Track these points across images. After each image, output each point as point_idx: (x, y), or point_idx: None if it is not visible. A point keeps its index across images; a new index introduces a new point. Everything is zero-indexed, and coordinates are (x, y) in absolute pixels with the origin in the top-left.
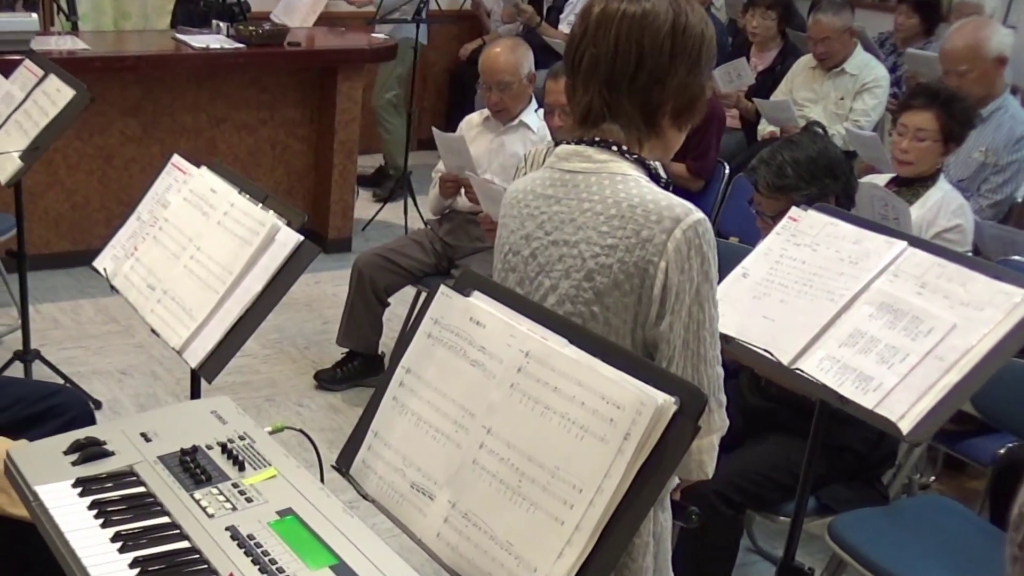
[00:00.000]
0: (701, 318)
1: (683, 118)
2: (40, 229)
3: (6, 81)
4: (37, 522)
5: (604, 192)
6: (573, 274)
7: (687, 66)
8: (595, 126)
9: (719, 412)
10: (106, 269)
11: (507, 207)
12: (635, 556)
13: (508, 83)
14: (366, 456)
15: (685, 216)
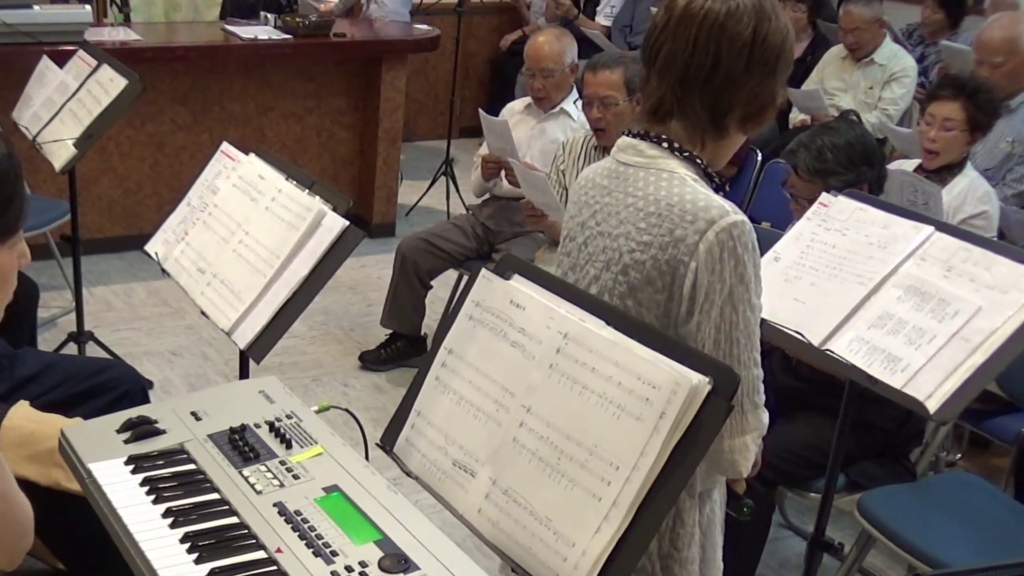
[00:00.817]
0: (734, 319)
1: (751, 122)
2: (93, 214)
3: (61, 71)
4: (90, 498)
5: (648, 188)
6: (612, 267)
7: (762, 75)
8: (663, 121)
9: (754, 414)
10: (157, 253)
11: (574, 192)
12: (680, 546)
13: (551, 71)
14: (409, 434)
15: (720, 218)
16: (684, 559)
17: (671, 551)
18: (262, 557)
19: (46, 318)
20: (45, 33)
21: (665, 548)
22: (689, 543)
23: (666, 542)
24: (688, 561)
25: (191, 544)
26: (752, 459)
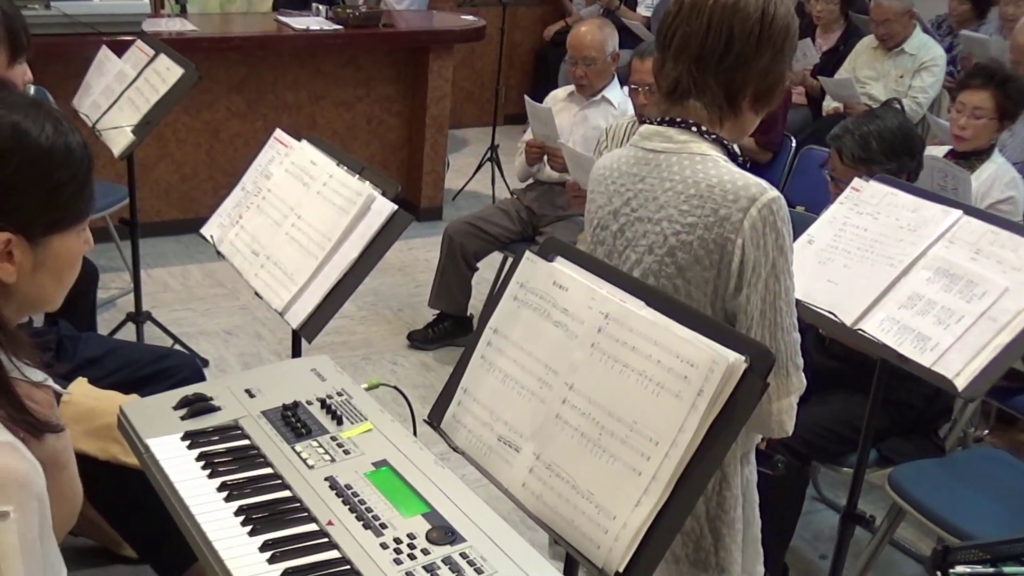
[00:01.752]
0: (777, 289)
1: (761, 102)
2: (151, 199)
3: (119, 60)
4: (148, 473)
5: (684, 172)
6: (656, 250)
7: (771, 53)
8: (680, 101)
9: (796, 375)
10: (213, 236)
11: (594, 183)
12: (727, 508)
13: (593, 59)
14: (456, 411)
15: (760, 195)
16: (730, 520)
17: (718, 513)
18: (314, 529)
19: (105, 299)
20: (104, 24)
21: (712, 511)
22: (734, 505)
23: (713, 505)
24: (734, 521)
25: (245, 517)
26: (794, 418)
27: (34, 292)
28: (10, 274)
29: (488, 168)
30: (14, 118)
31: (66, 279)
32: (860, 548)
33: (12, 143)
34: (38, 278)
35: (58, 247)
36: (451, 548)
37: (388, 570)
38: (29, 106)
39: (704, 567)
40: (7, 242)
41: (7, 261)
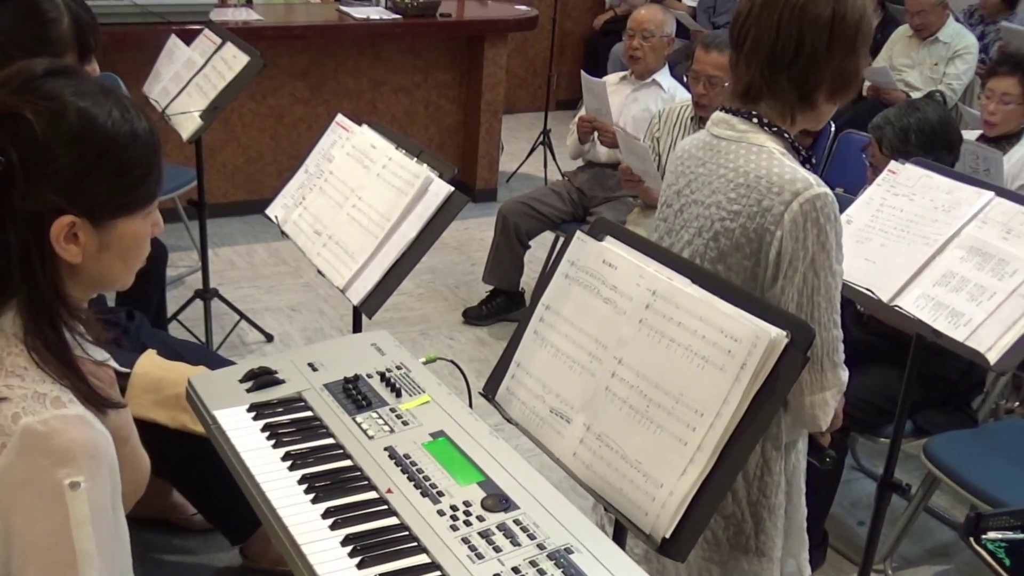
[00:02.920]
0: (816, 284)
1: (838, 94)
2: (218, 181)
3: (188, 48)
4: (215, 443)
5: (738, 161)
6: (703, 233)
7: (843, 51)
8: (754, 102)
9: (833, 372)
10: (277, 216)
11: (671, 162)
12: (768, 493)
13: (651, 32)
14: (510, 384)
15: (805, 190)
16: (772, 505)
17: (760, 498)
18: (374, 497)
19: (174, 277)
20: (173, 13)
21: (754, 495)
22: (776, 491)
23: (755, 490)
24: (776, 507)
25: (308, 485)
26: (831, 414)
27: (100, 273)
28: (75, 255)
29: (540, 151)
30: (82, 104)
31: (132, 260)
32: (896, 515)
33: (78, 128)
34: (104, 259)
35: (123, 230)
36: (505, 515)
37: (445, 536)
38: (98, 93)
39: (744, 550)
40: (71, 225)
41: (72, 243)
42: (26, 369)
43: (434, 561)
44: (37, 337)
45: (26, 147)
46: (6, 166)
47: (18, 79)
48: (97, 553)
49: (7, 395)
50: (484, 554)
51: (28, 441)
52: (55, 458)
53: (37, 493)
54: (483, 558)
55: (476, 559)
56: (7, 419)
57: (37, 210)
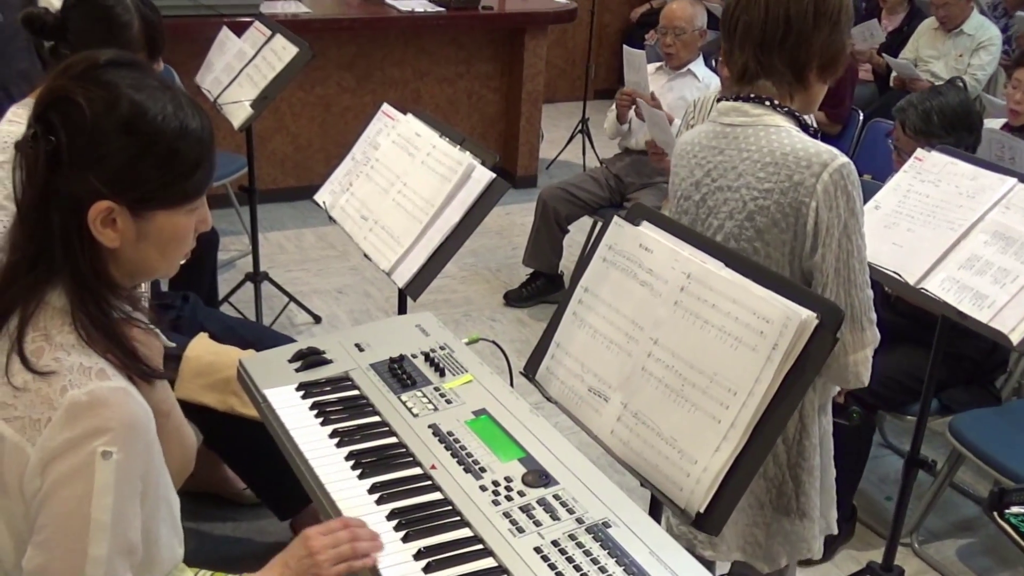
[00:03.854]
0: (850, 248)
1: (827, 72)
2: (268, 168)
3: (239, 40)
4: (265, 420)
5: (760, 143)
6: (736, 215)
7: (829, 27)
8: (751, 83)
9: (871, 329)
10: (325, 202)
11: (677, 158)
12: (806, 456)
13: (682, 29)
14: (549, 364)
15: (831, 160)
16: (810, 467)
17: (798, 460)
18: (418, 473)
19: (226, 260)
20: (225, 6)
21: (793, 458)
22: (813, 452)
23: (794, 453)
24: (814, 468)
25: (355, 461)
26: (870, 369)
27: (139, 260)
28: (113, 240)
29: (579, 139)
30: (136, 96)
31: (171, 253)
32: (923, 490)
33: (129, 118)
34: (141, 248)
35: (163, 222)
36: (545, 490)
37: (487, 511)
38: (155, 87)
39: (786, 511)
40: (109, 210)
41: (110, 228)
42: (73, 345)
43: (476, 535)
44: (82, 313)
45: (75, 131)
46: (55, 147)
47: (80, 66)
48: (111, 525)
49: (55, 369)
50: (525, 528)
51: (72, 412)
52: (94, 427)
53: (72, 460)
54: (524, 532)
55: (517, 533)
56: (55, 392)
57: (78, 192)
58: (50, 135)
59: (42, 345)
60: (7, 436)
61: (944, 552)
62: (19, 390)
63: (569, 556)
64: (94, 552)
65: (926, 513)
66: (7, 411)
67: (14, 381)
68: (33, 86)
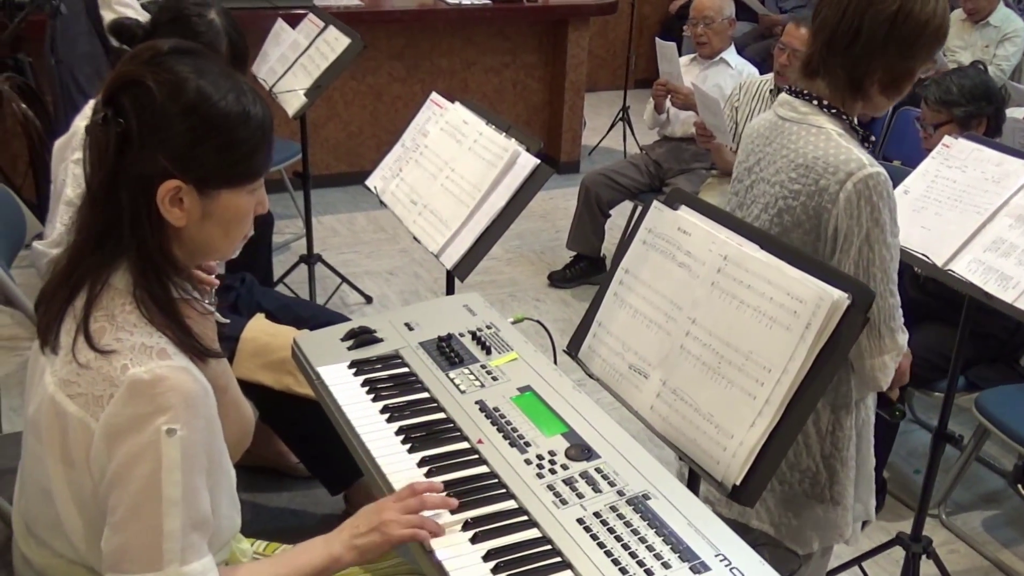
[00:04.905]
0: (871, 257)
1: (890, 90)
2: (321, 154)
3: (293, 31)
4: (318, 396)
5: (799, 143)
6: (769, 210)
7: (899, 50)
8: (810, 78)
9: (891, 337)
10: (376, 187)
11: (744, 139)
12: (840, 447)
13: (711, 19)
14: (592, 342)
15: (858, 170)
16: (844, 458)
17: (832, 451)
18: (465, 447)
19: (281, 243)
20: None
21: (827, 449)
22: (847, 444)
23: (827, 444)
24: (848, 459)
25: (405, 436)
26: (891, 375)
27: (202, 240)
28: (179, 218)
29: (620, 127)
30: (201, 81)
31: (233, 232)
32: (950, 464)
33: (194, 101)
34: (206, 227)
35: (226, 201)
36: (587, 464)
37: (532, 483)
38: (218, 74)
39: (820, 499)
40: (177, 189)
41: (177, 207)
42: (135, 325)
43: (521, 507)
44: (145, 290)
45: (145, 113)
46: (125, 128)
47: (147, 54)
48: (183, 500)
49: (117, 348)
50: (568, 500)
51: (133, 389)
52: (156, 405)
53: (137, 439)
54: (567, 504)
55: (560, 504)
56: (116, 370)
57: (147, 172)
58: (120, 118)
59: (104, 325)
60: (71, 412)
61: (970, 523)
62: (83, 367)
63: (610, 527)
64: (169, 527)
65: (953, 486)
66: (71, 388)
67: (79, 358)
68: (96, 68)
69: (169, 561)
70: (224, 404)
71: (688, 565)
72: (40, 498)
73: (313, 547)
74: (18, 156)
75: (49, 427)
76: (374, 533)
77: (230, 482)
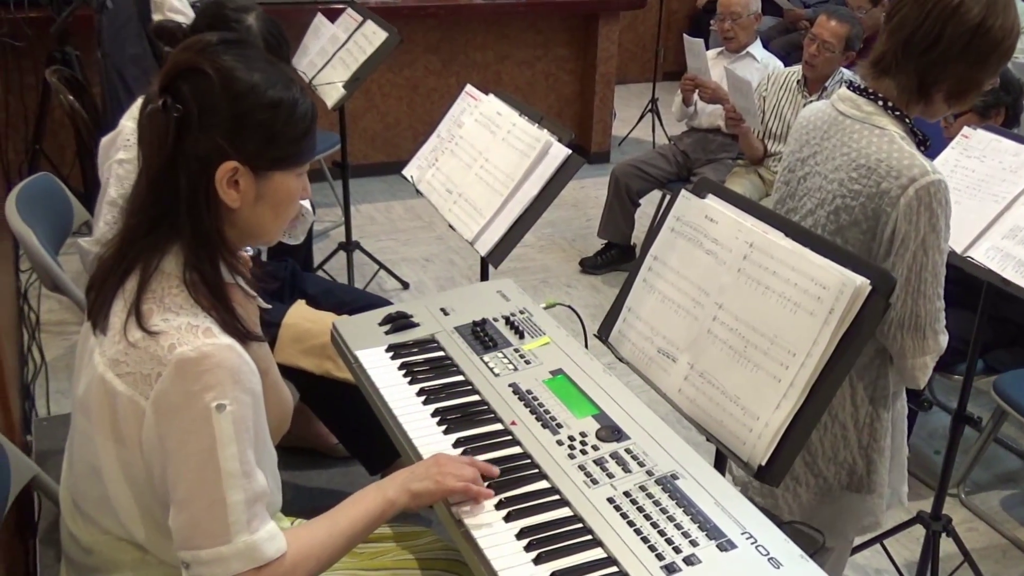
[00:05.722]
0: (924, 262)
1: (955, 99)
2: (359, 144)
3: (332, 25)
4: (357, 380)
5: (861, 143)
6: (825, 205)
7: (974, 62)
8: (879, 76)
9: (934, 339)
10: (413, 176)
11: (796, 128)
12: (877, 438)
13: (738, 14)
14: (621, 327)
15: (920, 177)
16: (881, 448)
17: (870, 442)
18: (499, 428)
19: (320, 231)
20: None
21: (865, 440)
22: (885, 435)
23: (865, 435)
24: (884, 449)
25: (441, 418)
26: (929, 374)
27: (254, 221)
28: (234, 200)
29: (649, 118)
30: (251, 68)
31: (283, 214)
32: (969, 445)
33: (247, 87)
34: (258, 209)
35: (278, 183)
36: (617, 444)
37: (563, 464)
38: (265, 62)
39: (856, 489)
40: (234, 170)
41: (233, 188)
42: (181, 306)
43: (554, 486)
44: (195, 270)
45: (203, 97)
46: (184, 113)
47: (197, 45)
48: (241, 472)
49: (164, 328)
50: (598, 479)
51: (181, 368)
52: (203, 383)
53: (188, 416)
54: (597, 483)
55: (591, 484)
56: (163, 349)
57: (206, 153)
58: (178, 103)
59: (152, 307)
60: (121, 391)
61: (989, 502)
62: (131, 347)
63: (639, 506)
64: (232, 499)
65: (972, 466)
66: (120, 367)
67: (129, 337)
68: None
69: (237, 532)
70: (265, 387)
71: (715, 543)
72: (88, 476)
73: (366, 495)
74: (66, 146)
75: (99, 406)
76: (429, 481)
77: (272, 461)
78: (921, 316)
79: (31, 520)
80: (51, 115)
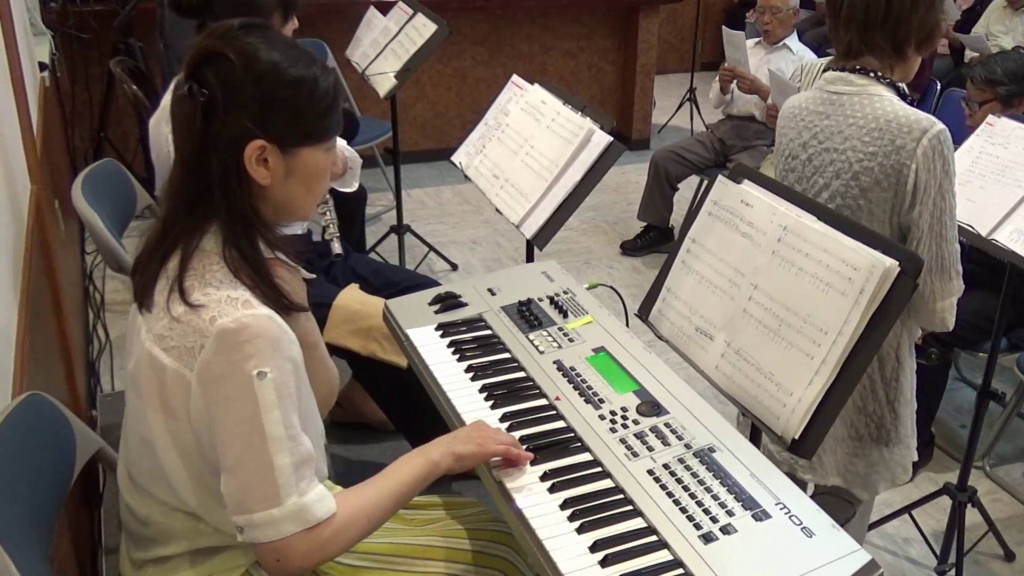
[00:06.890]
0: (943, 206)
1: (924, 46)
2: (410, 132)
3: (384, 18)
4: (407, 357)
5: (865, 110)
6: (842, 175)
7: (925, 7)
8: (855, 58)
9: (957, 280)
10: (461, 162)
11: (785, 120)
12: (903, 391)
13: (778, 8)
14: (661, 306)
15: (930, 127)
16: (906, 400)
17: (897, 396)
18: (544, 404)
19: (372, 215)
20: None
21: (892, 394)
22: (908, 387)
23: (892, 388)
24: (909, 401)
25: (488, 393)
26: (955, 314)
27: (286, 197)
28: (264, 177)
29: (687, 106)
30: (272, 50)
31: (314, 189)
32: (993, 419)
33: (269, 68)
34: (289, 185)
35: (306, 158)
36: (657, 419)
37: (605, 437)
38: (285, 44)
39: (885, 442)
40: (262, 148)
41: (262, 166)
42: (222, 281)
43: (596, 459)
44: (235, 247)
45: (227, 81)
46: (209, 97)
47: (220, 30)
48: (286, 437)
49: (204, 302)
50: (639, 452)
51: (222, 339)
52: (244, 352)
53: (231, 385)
54: (638, 456)
55: (632, 456)
56: (205, 322)
57: (234, 134)
58: (204, 88)
59: (194, 283)
60: (167, 364)
61: (1012, 474)
62: (175, 321)
63: (678, 477)
64: (280, 463)
65: (996, 439)
66: (165, 342)
67: (172, 312)
68: None
69: (287, 495)
70: (313, 361)
71: (750, 513)
72: (142, 449)
73: (411, 458)
74: (129, 134)
75: (148, 380)
76: (472, 444)
77: (318, 433)
78: (946, 258)
79: (96, 491)
80: (115, 104)
